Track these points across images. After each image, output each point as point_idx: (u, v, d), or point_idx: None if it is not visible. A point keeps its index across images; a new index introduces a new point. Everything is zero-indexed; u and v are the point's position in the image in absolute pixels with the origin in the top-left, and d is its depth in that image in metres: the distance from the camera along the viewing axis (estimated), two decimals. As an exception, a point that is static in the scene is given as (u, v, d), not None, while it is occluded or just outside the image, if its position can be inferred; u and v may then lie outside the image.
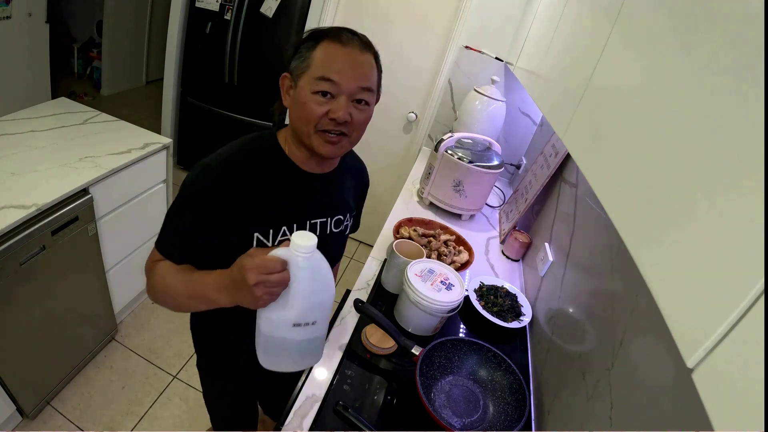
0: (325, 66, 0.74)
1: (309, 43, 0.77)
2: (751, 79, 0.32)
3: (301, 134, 0.79)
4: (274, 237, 0.83)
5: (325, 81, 0.74)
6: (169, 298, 0.79)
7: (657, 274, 0.39)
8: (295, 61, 0.78)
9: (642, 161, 0.47)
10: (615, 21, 0.65)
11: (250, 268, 0.62)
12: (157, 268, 0.80)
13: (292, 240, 0.63)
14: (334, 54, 0.75)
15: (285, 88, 0.81)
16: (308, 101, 0.75)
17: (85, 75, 4.21)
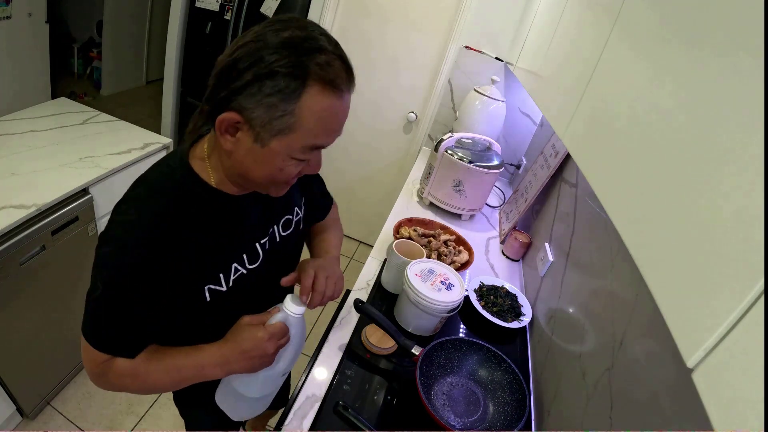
0: (320, 132, 0.57)
1: (283, 81, 0.52)
2: (752, 79, 0.32)
3: (250, 183, 0.64)
4: (226, 280, 0.71)
5: (316, 149, 0.60)
6: (146, 391, 0.72)
7: (657, 274, 0.39)
8: (255, 105, 0.54)
9: (642, 161, 0.47)
10: (615, 21, 0.65)
11: (269, 340, 0.67)
12: (114, 369, 0.67)
13: (286, 307, 0.70)
14: (330, 113, 0.57)
15: (225, 128, 0.57)
16: (286, 167, 0.59)
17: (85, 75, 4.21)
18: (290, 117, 0.54)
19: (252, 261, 0.75)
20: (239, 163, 0.61)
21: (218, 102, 0.57)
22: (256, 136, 0.56)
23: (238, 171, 0.63)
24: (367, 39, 2.34)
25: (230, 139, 0.58)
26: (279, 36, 0.54)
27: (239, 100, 0.54)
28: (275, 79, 0.52)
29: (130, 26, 4.02)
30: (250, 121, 0.55)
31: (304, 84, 0.53)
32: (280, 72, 0.52)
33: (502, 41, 2.13)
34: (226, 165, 0.64)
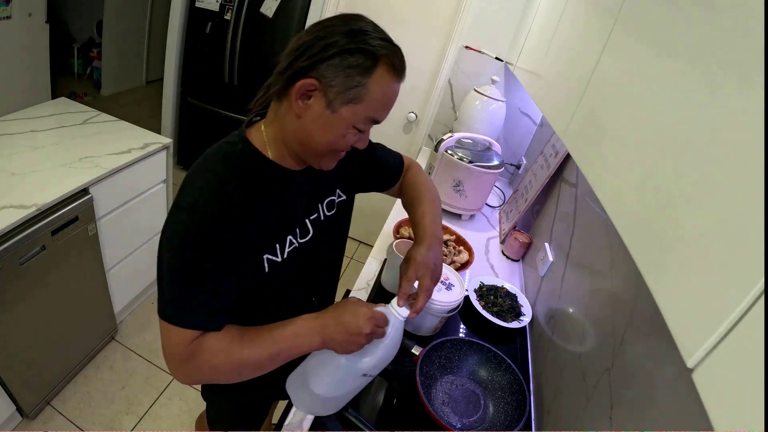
0: (380, 107, 0.67)
1: (360, 58, 0.62)
2: (752, 78, 0.32)
3: (309, 150, 0.70)
4: (281, 251, 0.75)
5: (372, 122, 0.68)
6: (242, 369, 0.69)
7: (657, 274, 0.39)
8: (335, 74, 0.62)
9: (642, 161, 0.47)
10: (615, 20, 0.65)
11: (369, 318, 0.68)
12: (207, 347, 0.66)
13: (392, 305, 0.72)
14: (391, 93, 0.67)
15: (300, 94, 0.64)
16: (347, 135, 0.67)
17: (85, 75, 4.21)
18: (362, 88, 0.63)
19: (303, 235, 0.80)
20: (304, 129, 0.67)
21: (297, 71, 0.64)
22: (329, 102, 0.64)
23: (300, 138, 0.68)
24: (367, 39, 2.34)
25: (302, 104, 0.65)
26: (353, 23, 0.65)
27: (321, 69, 0.62)
28: (355, 56, 0.62)
29: (130, 26, 4.02)
30: (327, 87, 0.63)
31: (376, 64, 0.63)
32: (361, 50, 0.62)
33: (502, 41, 2.13)
34: (289, 133, 0.69)
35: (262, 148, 0.72)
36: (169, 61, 2.85)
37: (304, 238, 0.80)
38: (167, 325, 0.65)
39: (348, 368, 0.71)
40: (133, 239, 1.82)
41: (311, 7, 2.41)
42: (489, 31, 2.14)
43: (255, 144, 0.72)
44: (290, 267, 0.77)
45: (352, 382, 0.74)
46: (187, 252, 0.63)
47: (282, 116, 0.69)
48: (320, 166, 0.73)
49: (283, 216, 0.75)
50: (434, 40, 2.27)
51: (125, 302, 1.94)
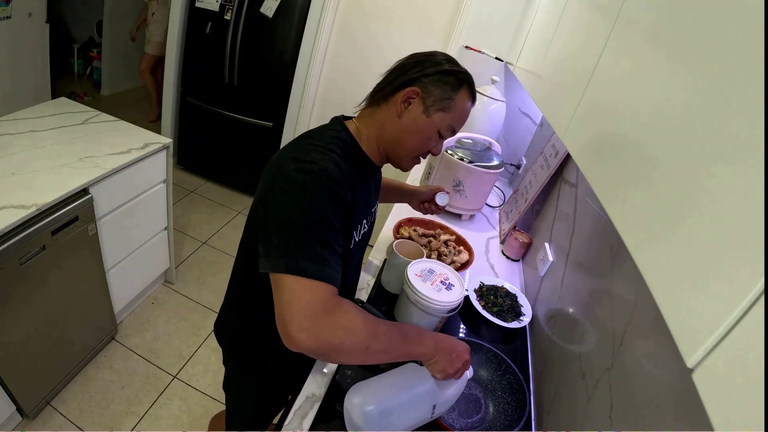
0: (460, 119, 0.83)
1: (452, 79, 0.80)
2: (752, 78, 0.32)
3: (400, 151, 0.84)
4: (358, 233, 0.87)
5: (451, 132, 0.84)
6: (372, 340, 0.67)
7: (657, 274, 0.39)
8: (435, 87, 0.80)
9: (642, 161, 0.47)
10: (615, 20, 0.65)
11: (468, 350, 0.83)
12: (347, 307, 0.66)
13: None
14: (466, 111, 0.84)
15: (403, 100, 0.80)
16: (431, 138, 0.83)
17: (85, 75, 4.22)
18: (451, 101, 0.81)
19: (369, 224, 0.94)
20: (402, 128, 0.81)
21: (405, 81, 0.81)
22: (426, 108, 0.80)
23: (396, 136, 0.82)
24: (367, 39, 2.34)
25: (404, 107, 0.81)
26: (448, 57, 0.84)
27: (424, 82, 0.80)
28: (450, 77, 0.81)
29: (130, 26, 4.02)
30: (426, 96, 0.80)
31: (461, 85, 0.82)
32: (454, 73, 0.81)
33: (502, 41, 2.13)
34: (386, 132, 0.83)
35: (359, 141, 0.84)
36: (169, 61, 2.85)
37: (368, 227, 0.94)
38: (302, 280, 0.62)
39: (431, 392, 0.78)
40: (133, 239, 1.82)
41: (311, 7, 2.41)
42: (489, 31, 2.14)
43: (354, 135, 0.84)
44: (358, 249, 0.90)
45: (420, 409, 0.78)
46: (321, 208, 0.67)
47: (382, 117, 0.83)
48: (402, 165, 0.87)
49: (365, 202, 0.88)
50: (434, 40, 2.27)
51: (125, 302, 1.94)
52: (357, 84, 2.45)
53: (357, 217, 0.83)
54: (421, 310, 1.08)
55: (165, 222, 1.98)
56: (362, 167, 0.84)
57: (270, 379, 1.04)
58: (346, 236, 0.81)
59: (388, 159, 0.87)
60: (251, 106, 2.76)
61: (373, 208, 0.96)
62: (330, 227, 0.68)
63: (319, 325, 0.62)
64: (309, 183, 0.68)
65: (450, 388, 0.81)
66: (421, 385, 0.78)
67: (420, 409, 0.78)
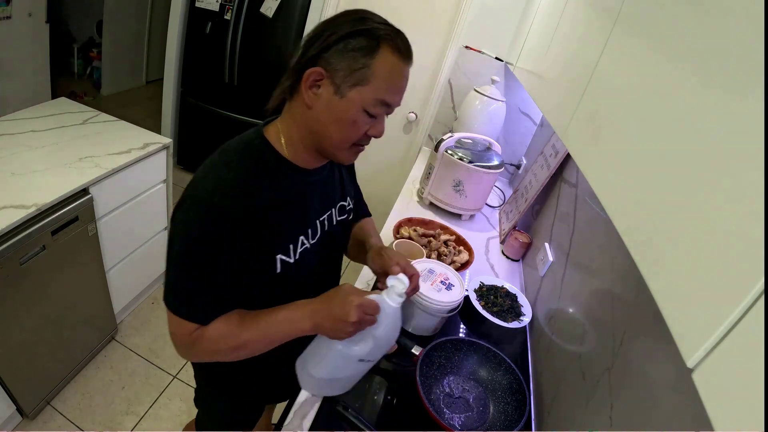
0: (390, 87, 0.66)
1: (362, 41, 0.63)
2: (752, 79, 0.32)
3: (328, 144, 0.70)
4: (293, 250, 0.75)
5: (385, 106, 0.67)
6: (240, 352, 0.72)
7: (657, 274, 0.39)
8: (339, 59, 0.64)
9: (642, 161, 0.47)
10: (615, 20, 0.65)
11: (356, 306, 0.67)
12: (208, 337, 0.69)
13: (387, 291, 0.71)
14: (398, 73, 0.66)
15: (310, 84, 0.66)
16: (358, 120, 0.66)
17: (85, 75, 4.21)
18: (367, 69, 0.63)
19: (313, 236, 0.80)
20: (317, 119, 0.68)
21: (306, 62, 0.66)
22: (337, 88, 0.65)
23: (314, 128, 0.69)
24: (367, 39, 2.34)
25: (312, 94, 0.66)
26: (356, 14, 0.67)
27: (326, 57, 0.64)
28: (357, 39, 0.63)
29: (130, 26, 4.02)
30: (333, 73, 0.64)
31: (378, 45, 0.64)
32: (362, 33, 0.64)
33: (502, 41, 2.13)
34: (303, 127, 0.70)
35: (278, 146, 0.72)
36: (169, 61, 2.84)
37: (314, 238, 0.80)
38: (172, 315, 0.68)
39: (343, 354, 0.72)
40: (133, 239, 1.82)
41: (311, 7, 2.41)
42: (489, 31, 2.14)
43: (271, 141, 0.72)
44: (301, 267, 0.78)
45: (350, 367, 0.75)
46: (198, 248, 0.65)
47: (295, 110, 0.70)
48: (340, 159, 0.73)
49: (297, 215, 0.76)
50: (434, 40, 2.27)
51: (125, 302, 1.94)
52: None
53: (282, 235, 0.73)
54: (421, 310, 1.08)
55: (165, 222, 1.98)
56: (284, 177, 0.72)
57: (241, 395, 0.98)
58: (264, 259, 0.71)
59: (324, 156, 0.75)
60: (251, 106, 2.76)
61: (322, 217, 0.82)
62: (207, 268, 0.66)
63: (189, 353, 0.72)
64: (193, 219, 0.65)
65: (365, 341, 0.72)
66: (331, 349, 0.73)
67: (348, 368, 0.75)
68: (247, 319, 0.71)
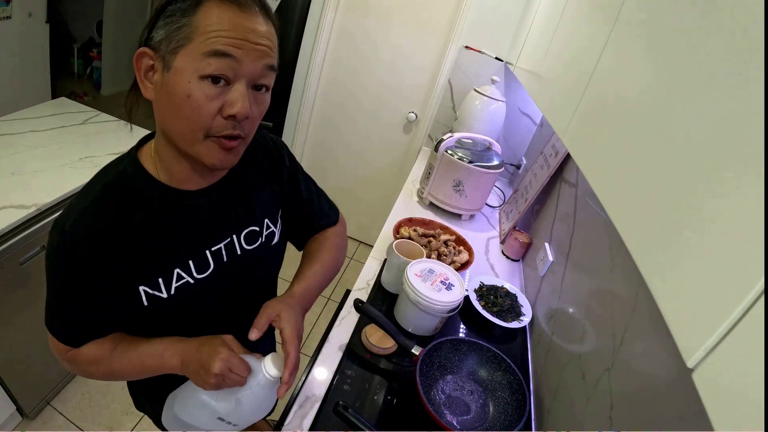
0: (219, 36, 0.52)
1: (180, 4, 0.53)
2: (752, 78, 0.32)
3: (179, 140, 0.58)
4: (166, 284, 0.67)
5: (220, 57, 0.52)
6: (114, 375, 0.71)
7: (657, 274, 0.39)
8: (160, 29, 0.54)
9: (642, 161, 0.47)
10: (615, 20, 0.65)
11: (222, 359, 0.61)
12: (80, 360, 0.69)
13: (266, 361, 0.64)
14: (231, 20, 0.53)
15: (143, 71, 0.57)
16: (193, 91, 0.53)
17: (85, 75, 4.21)
18: (187, 28, 0.53)
19: (201, 270, 0.69)
20: (160, 113, 0.58)
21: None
22: (164, 62, 0.55)
23: (164, 128, 0.60)
24: (367, 39, 2.34)
25: (149, 85, 0.58)
26: None
27: (150, 35, 0.55)
28: (175, 3, 0.54)
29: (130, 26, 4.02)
30: (157, 49, 0.55)
31: (198, 3, 0.53)
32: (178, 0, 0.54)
33: (502, 41, 2.13)
34: (160, 132, 0.62)
35: (149, 166, 0.64)
36: (169, 61, 2.84)
37: (202, 273, 0.70)
38: (49, 334, 0.69)
39: (204, 404, 0.67)
40: (133, 239, 1.82)
41: (311, 7, 2.41)
42: (489, 31, 2.14)
43: (142, 161, 0.64)
44: (182, 304, 0.69)
45: (209, 421, 0.69)
46: (54, 275, 0.64)
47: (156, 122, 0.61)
48: (202, 159, 0.59)
49: (170, 246, 0.66)
50: (434, 40, 2.27)
51: (125, 302, 1.94)
52: (357, 83, 2.45)
53: (148, 266, 0.65)
54: (421, 310, 1.08)
55: (165, 222, 1.98)
56: (153, 201, 0.63)
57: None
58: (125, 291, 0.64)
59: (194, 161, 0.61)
60: (251, 106, 2.76)
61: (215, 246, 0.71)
62: (67, 294, 0.64)
63: (68, 367, 0.72)
64: (50, 245, 0.62)
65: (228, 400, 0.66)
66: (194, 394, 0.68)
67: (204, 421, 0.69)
68: (120, 348, 0.68)
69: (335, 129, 2.62)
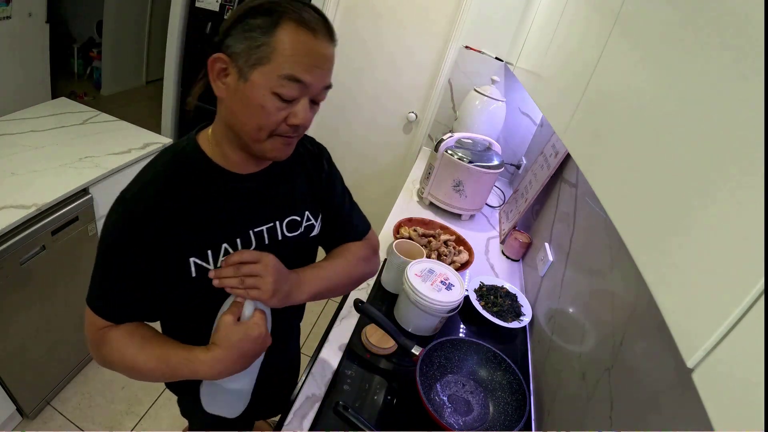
0: (295, 62, 0.60)
1: (261, 19, 0.59)
2: (752, 78, 0.32)
3: (245, 137, 0.65)
4: (214, 258, 0.70)
5: (293, 82, 0.60)
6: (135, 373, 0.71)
7: (657, 274, 0.39)
8: (239, 41, 0.60)
9: (642, 161, 0.47)
10: (615, 20, 0.65)
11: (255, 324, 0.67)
12: (110, 340, 0.69)
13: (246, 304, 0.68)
14: (305, 46, 0.60)
15: (217, 73, 0.63)
16: (266, 104, 0.61)
17: (85, 75, 4.21)
18: (267, 47, 0.59)
19: (245, 247, 0.73)
20: (229, 111, 0.65)
21: (212, 50, 0.63)
22: (240, 72, 0.61)
23: (230, 123, 0.66)
24: (367, 39, 2.34)
25: (221, 85, 0.63)
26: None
27: (226, 42, 0.61)
28: (255, 18, 0.59)
29: (130, 26, 4.02)
30: (234, 57, 0.61)
31: (279, 20, 0.59)
32: (259, 11, 0.60)
33: (502, 41, 2.13)
34: (222, 122, 0.68)
35: (207, 148, 0.70)
36: (169, 61, 2.84)
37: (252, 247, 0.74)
38: (87, 308, 0.69)
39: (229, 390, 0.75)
40: (133, 239, 1.82)
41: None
42: (489, 31, 2.14)
43: (201, 144, 0.70)
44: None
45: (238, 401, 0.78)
46: (111, 244, 0.66)
47: (218, 107, 0.68)
48: (262, 152, 0.67)
49: (220, 221, 0.70)
50: (434, 40, 2.27)
51: (125, 302, 1.94)
52: (357, 82, 2.45)
53: (199, 238, 0.69)
54: (421, 310, 1.08)
55: (165, 222, 1.98)
56: (211, 181, 0.69)
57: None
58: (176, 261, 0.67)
59: (252, 154, 0.69)
60: (251, 106, 2.77)
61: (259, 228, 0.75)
62: (119, 265, 0.66)
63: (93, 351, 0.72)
64: (111, 216, 0.66)
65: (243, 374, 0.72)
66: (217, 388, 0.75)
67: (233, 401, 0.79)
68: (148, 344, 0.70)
69: (335, 129, 2.62)
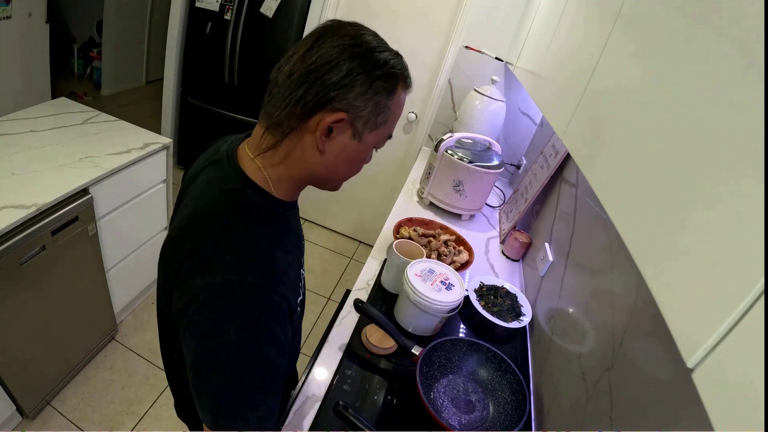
0: (395, 123, 0.63)
1: (384, 81, 0.57)
2: (752, 77, 0.32)
3: (332, 184, 0.66)
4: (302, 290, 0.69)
5: (389, 139, 0.65)
6: None
7: (657, 274, 0.39)
8: (367, 103, 0.56)
9: (642, 161, 0.47)
10: (615, 20, 0.65)
11: None
12: None
13: None
14: (402, 108, 0.63)
15: (324, 129, 0.56)
16: (368, 157, 0.64)
17: (85, 75, 4.21)
18: (387, 111, 0.59)
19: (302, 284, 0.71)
20: (328, 163, 0.61)
21: (318, 104, 0.55)
22: (355, 132, 0.59)
23: (323, 173, 0.62)
24: (367, 39, 2.34)
25: (326, 139, 0.58)
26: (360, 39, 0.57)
27: (349, 99, 0.56)
28: (384, 82, 0.57)
29: (130, 26, 4.02)
30: (355, 118, 0.57)
31: (396, 84, 0.59)
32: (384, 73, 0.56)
33: (502, 41, 2.13)
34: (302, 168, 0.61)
35: (267, 186, 0.62)
36: (169, 61, 2.85)
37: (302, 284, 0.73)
38: None
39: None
40: (133, 239, 1.82)
41: (311, 7, 2.41)
42: (489, 31, 2.14)
43: (259, 184, 0.61)
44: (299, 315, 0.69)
45: None
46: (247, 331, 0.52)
47: (295, 155, 0.60)
48: (333, 189, 0.69)
49: (292, 260, 0.64)
50: (434, 40, 2.27)
51: (125, 302, 1.94)
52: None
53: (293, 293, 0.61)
54: (421, 310, 1.08)
55: (165, 222, 1.98)
56: (279, 221, 0.63)
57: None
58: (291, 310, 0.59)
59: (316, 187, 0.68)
60: (251, 106, 2.76)
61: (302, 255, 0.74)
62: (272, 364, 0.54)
63: None
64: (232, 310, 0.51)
65: None
66: None
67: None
68: None
69: (335, 129, 2.62)
